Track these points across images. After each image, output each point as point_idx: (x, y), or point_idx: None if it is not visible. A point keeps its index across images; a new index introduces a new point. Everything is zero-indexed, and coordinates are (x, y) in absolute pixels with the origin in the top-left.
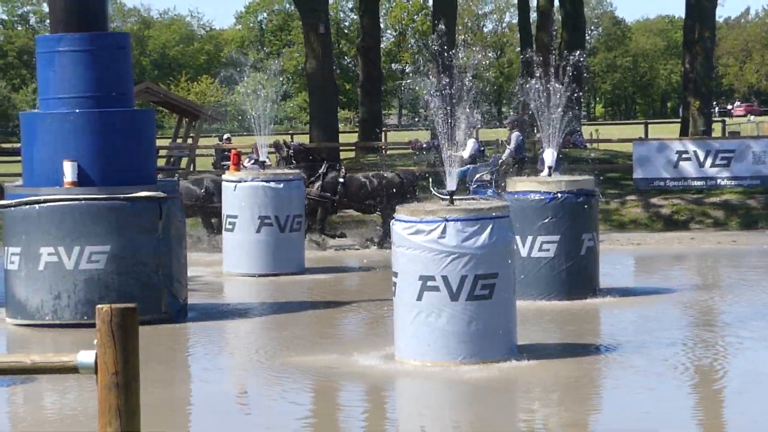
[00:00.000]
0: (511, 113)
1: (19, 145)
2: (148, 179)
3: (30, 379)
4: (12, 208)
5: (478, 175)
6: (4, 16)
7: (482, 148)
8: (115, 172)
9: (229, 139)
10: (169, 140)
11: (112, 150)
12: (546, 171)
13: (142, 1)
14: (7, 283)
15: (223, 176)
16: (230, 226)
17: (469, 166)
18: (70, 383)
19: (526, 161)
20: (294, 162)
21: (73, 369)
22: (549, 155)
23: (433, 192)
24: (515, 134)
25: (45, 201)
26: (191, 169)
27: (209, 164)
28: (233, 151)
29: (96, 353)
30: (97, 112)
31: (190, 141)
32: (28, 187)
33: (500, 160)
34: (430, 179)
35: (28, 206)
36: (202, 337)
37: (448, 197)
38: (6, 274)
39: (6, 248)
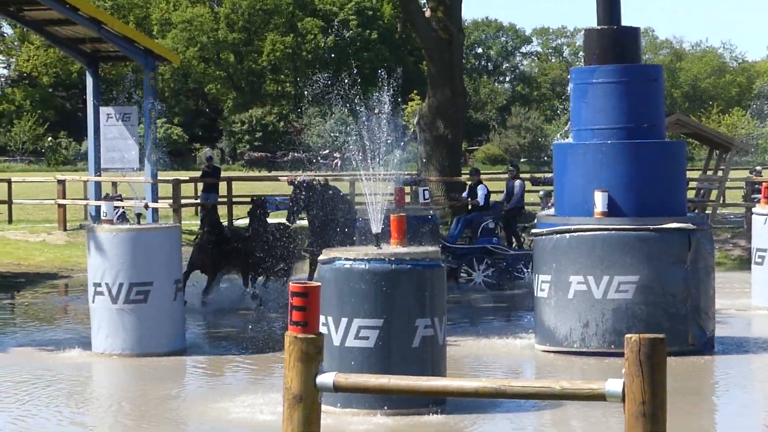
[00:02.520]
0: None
1: (550, 175)
2: (678, 211)
3: (557, 404)
4: (543, 237)
5: (483, 224)
6: (539, 48)
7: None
8: (645, 203)
9: (759, 172)
10: (699, 172)
11: (642, 181)
12: None
13: (674, 34)
14: (536, 310)
15: (754, 209)
16: (759, 260)
17: (474, 213)
18: (595, 411)
19: (524, 210)
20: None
21: (600, 396)
22: None
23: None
24: (518, 182)
25: (576, 230)
26: (721, 201)
27: (739, 197)
28: (764, 184)
29: (623, 382)
30: (628, 143)
31: (720, 173)
32: (559, 216)
33: (502, 210)
34: None
35: (558, 235)
36: (727, 371)
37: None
38: (536, 302)
39: (536, 276)
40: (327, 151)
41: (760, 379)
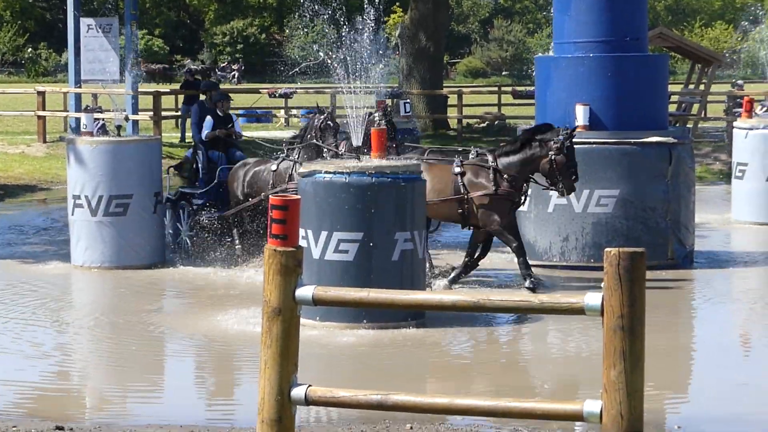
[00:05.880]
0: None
1: (532, 88)
2: (659, 124)
3: (536, 318)
4: None
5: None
6: None
7: None
8: (626, 116)
9: (741, 85)
10: (681, 86)
11: (624, 94)
12: None
13: None
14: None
15: (735, 123)
16: (740, 174)
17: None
18: (574, 324)
19: None
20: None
21: (579, 310)
22: None
23: None
24: None
25: None
26: (702, 115)
27: (720, 111)
28: (746, 98)
29: (602, 296)
30: (610, 56)
31: (702, 87)
32: None
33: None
34: None
35: None
36: (706, 285)
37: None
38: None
39: None
40: (225, 63)
41: (738, 293)
